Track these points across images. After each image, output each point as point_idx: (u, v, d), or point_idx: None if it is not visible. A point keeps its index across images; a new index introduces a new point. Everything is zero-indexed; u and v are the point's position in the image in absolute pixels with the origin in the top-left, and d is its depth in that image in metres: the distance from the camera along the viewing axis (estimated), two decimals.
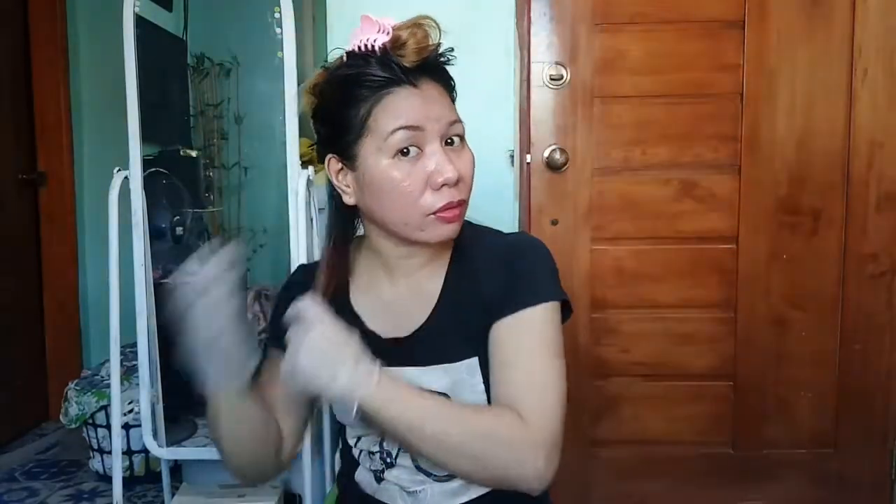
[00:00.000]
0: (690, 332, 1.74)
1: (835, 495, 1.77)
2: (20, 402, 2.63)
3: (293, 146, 1.61)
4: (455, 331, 0.87)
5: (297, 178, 1.60)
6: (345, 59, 0.85)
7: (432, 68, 0.84)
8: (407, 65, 0.80)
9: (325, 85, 0.86)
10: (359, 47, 0.83)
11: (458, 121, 0.85)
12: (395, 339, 0.89)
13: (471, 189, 0.86)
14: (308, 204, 1.62)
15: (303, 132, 1.61)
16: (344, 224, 0.93)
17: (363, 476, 0.95)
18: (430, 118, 0.81)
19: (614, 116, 1.69)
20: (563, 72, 1.67)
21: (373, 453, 0.92)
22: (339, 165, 0.87)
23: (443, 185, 0.81)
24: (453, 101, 0.88)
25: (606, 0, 1.66)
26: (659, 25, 1.67)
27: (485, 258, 0.89)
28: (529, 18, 1.67)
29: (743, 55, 1.66)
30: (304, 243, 1.58)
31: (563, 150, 1.68)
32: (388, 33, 0.81)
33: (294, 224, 1.59)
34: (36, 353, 2.76)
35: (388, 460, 0.91)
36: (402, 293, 0.91)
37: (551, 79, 1.67)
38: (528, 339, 0.83)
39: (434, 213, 0.82)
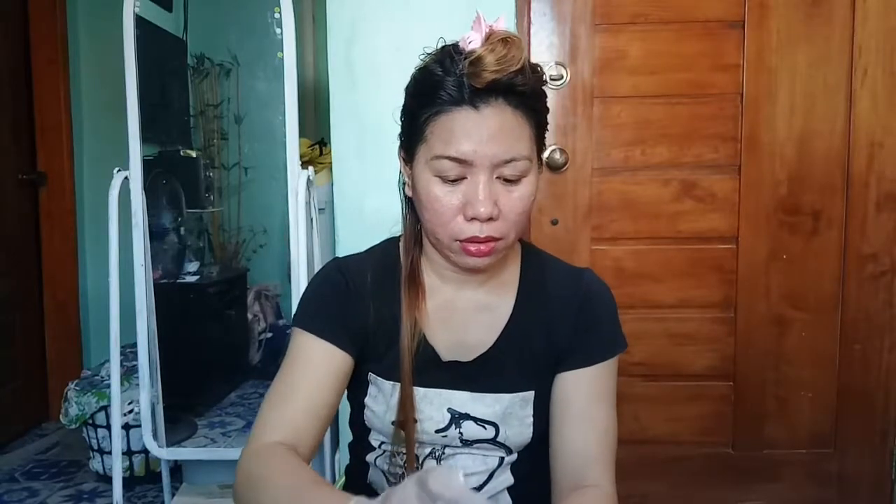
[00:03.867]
0: (690, 332, 1.74)
1: (835, 495, 1.77)
2: (20, 402, 2.63)
3: (293, 146, 1.61)
4: (517, 362, 0.87)
5: (297, 178, 1.60)
6: (434, 56, 0.82)
7: (506, 91, 0.77)
8: (477, 85, 0.75)
9: (412, 77, 0.84)
10: (447, 47, 0.80)
11: (517, 158, 0.78)
12: (455, 362, 0.87)
13: (518, 226, 0.81)
14: (308, 204, 1.63)
15: (303, 132, 1.60)
16: (413, 209, 0.90)
17: (375, 477, 0.93)
18: (479, 152, 0.76)
19: (614, 116, 1.69)
20: (563, 72, 1.68)
21: (399, 454, 0.89)
22: (403, 157, 0.87)
23: (473, 218, 0.78)
24: (535, 127, 0.81)
25: (606, 0, 1.66)
26: (659, 25, 1.67)
27: (557, 293, 0.89)
28: (529, 18, 1.67)
29: (743, 55, 1.66)
30: (304, 243, 1.58)
31: (563, 150, 1.68)
32: (482, 37, 0.77)
33: (294, 224, 1.59)
34: (36, 353, 2.76)
35: (415, 465, 0.88)
36: (467, 307, 0.89)
37: (551, 79, 1.67)
38: (601, 390, 0.86)
39: (460, 241, 0.80)
